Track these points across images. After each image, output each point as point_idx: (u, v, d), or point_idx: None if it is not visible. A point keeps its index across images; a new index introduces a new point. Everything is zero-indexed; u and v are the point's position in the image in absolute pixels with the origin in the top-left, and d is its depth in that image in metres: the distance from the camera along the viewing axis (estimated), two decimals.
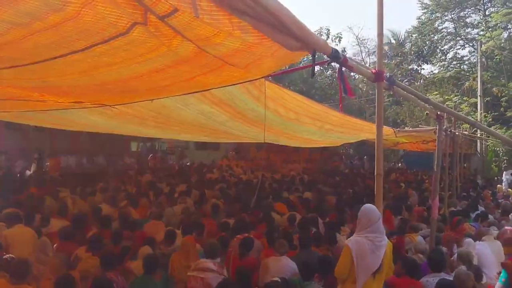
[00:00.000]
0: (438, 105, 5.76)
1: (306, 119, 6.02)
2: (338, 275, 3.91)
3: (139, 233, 7.49)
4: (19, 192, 11.12)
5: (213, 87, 3.90)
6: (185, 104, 4.90)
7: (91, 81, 3.20)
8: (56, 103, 4.18)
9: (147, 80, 3.23)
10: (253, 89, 4.27)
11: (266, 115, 4.97)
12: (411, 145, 24.17)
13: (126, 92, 3.72)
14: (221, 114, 5.47)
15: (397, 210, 10.52)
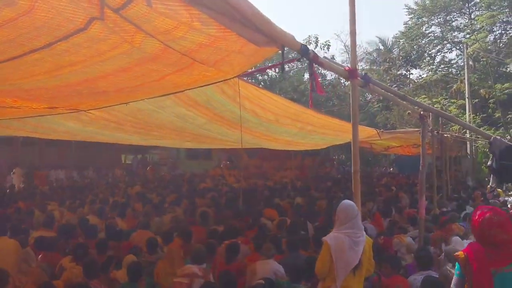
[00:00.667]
0: (415, 102, 5.79)
1: (286, 120, 5.99)
2: (318, 272, 3.89)
3: (125, 243, 7.43)
4: (7, 206, 11.04)
5: (187, 88, 3.89)
6: (161, 107, 4.87)
7: (58, 83, 3.18)
8: (30, 109, 4.15)
9: (115, 80, 3.21)
10: (227, 89, 4.25)
11: (243, 116, 4.95)
12: (403, 149, 24.23)
13: (97, 94, 3.70)
14: (198, 116, 5.44)
15: (387, 212, 10.55)
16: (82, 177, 22.99)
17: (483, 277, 3.09)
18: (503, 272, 3.05)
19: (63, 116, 4.97)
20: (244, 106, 4.81)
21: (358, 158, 3.95)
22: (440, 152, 13.15)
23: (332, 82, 39.06)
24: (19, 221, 8.44)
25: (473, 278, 3.12)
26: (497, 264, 3.07)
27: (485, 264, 3.09)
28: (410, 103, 5.52)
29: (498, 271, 3.06)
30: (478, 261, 3.12)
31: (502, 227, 3.11)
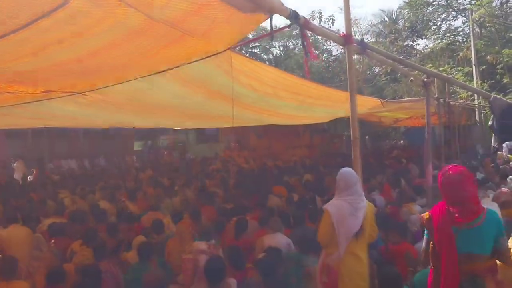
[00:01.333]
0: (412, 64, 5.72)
1: (285, 93, 5.90)
2: (320, 239, 3.93)
3: (136, 225, 7.54)
4: (20, 197, 11.18)
5: (180, 63, 3.87)
6: (156, 85, 4.83)
7: (49, 62, 3.19)
8: (27, 95, 4.18)
9: (106, 58, 3.21)
10: (222, 63, 4.20)
11: (240, 91, 4.91)
12: (412, 121, 23.99)
13: (89, 73, 3.70)
14: (195, 94, 5.40)
15: (396, 183, 10.56)
16: (93, 166, 23.20)
17: (444, 234, 3.18)
18: (465, 228, 3.10)
19: (60, 100, 4.99)
20: (240, 81, 4.76)
21: (357, 126, 3.94)
22: (448, 121, 13.02)
23: (338, 57, 38.75)
24: (31, 210, 8.54)
25: (435, 235, 3.20)
26: (459, 221, 3.11)
27: (446, 222, 3.16)
28: (407, 66, 5.45)
29: (461, 227, 3.11)
30: (440, 220, 3.21)
31: (461, 184, 3.15)
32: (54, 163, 21.34)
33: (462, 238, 3.13)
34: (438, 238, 3.21)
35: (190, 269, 5.26)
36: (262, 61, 28.14)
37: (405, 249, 5.32)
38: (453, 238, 3.12)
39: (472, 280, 3.10)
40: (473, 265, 3.13)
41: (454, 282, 3.11)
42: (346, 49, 3.87)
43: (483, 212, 3.18)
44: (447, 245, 3.14)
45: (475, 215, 3.14)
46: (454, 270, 3.11)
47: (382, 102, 7.40)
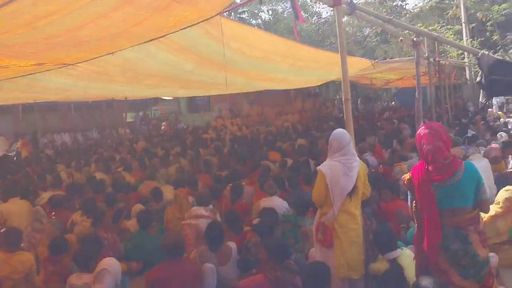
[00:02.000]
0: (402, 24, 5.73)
1: (275, 56, 5.89)
2: (315, 200, 4.03)
3: (133, 195, 7.64)
4: (16, 172, 11.20)
5: (169, 31, 3.87)
6: (147, 54, 4.84)
7: (40, 35, 3.18)
8: (19, 68, 4.16)
9: (95, 29, 3.20)
10: (211, 29, 4.20)
11: (231, 57, 4.90)
12: (403, 82, 24.00)
13: (80, 45, 3.69)
14: (186, 62, 5.39)
15: (388, 143, 10.69)
16: (86, 139, 23.18)
17: (424, 192, 3.28)
18: (446, 184, 3.19)
19: (52, 72, 4.98)
20: (230, 46, 4.75)
21: (348, 87, 3.98)
22: (439, 80, 13.06)
23: (328, 20, 38.31)
24: (28, 184, 8.60)
25: (416, 194, 3.31)
26: (437, 179, 3.21)
27: (425, 181, 3.26)
28: (396, 26, 5.46)
29: (441, 184, 3.20)
30: (419, 179, 3.32)
31: (428, 138, 3.23)
32: (46, 137, 21.26)
33: (443, 194, 3.22)
34: (419, 197, 3.33)
35: (191, 234, 5.39)
36: (251, 26, 27.75)
37: (397, 207, 5.46)
38: (433, 195, 3.22)
39: (455, 232, 3.23)
40: (456, 218, 3.24)
41: (436, 237, 3.23)
42: (335, 10, 3.87)
43: (461, 166, 3.26)
44: (428, 202, 3.25)
45: (452, 171, 3.22)
46: (436, 226, 3.23)
47: (373, 63, 7.41)
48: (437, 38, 5.26)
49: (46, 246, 5.11)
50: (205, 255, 4.45)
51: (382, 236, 3.91)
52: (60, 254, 4.62)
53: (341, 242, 3.86)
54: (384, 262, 3.81)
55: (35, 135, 19.39)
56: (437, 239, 3.22)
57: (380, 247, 3.93)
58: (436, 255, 3.23)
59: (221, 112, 26.67)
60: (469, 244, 3.20)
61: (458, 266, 3.21)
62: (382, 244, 3.89)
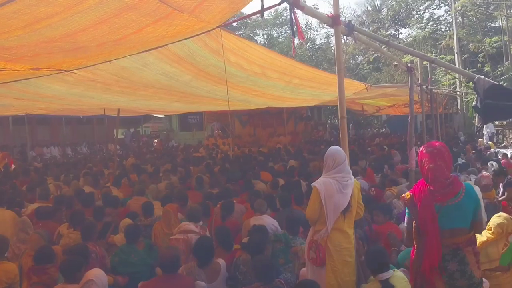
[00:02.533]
0: (399, 46, 5.78)
1: (273, 73, 5.89)
2: (309, 217, 3.98)
3: (121, 209, 7.52)
4: (3, 184, 11.03)
5: (169, 41, 3.86)
6: (144, 64, 4.82)
7: (38, 37, 3.14)
8: (15, 72, 4.12)
9: (95, 34, 3.18)
10: (210, 41, 4.19)
11: (228, 71, 4.90)
12: (394, 109, 24.29)
13: (78, 51, 3.66)
14: (183, 73, 5.37)
15: (379, 168, 10.72)
16: (75, 153, 23.01)
17: (427, 212, 3.25)
18: (448, 205, 3.18)
19: (47, 78, 4.92)
20: (229, 60, 4.75)
21: (345, 105, 3.98)
22: (431, 109, 13.19)
23: (321, 46, 38.85)
24: (15, 196, 8.45)
25: (418, 215, 3.28)
26: (440, 199, 3.19)
27: (428, 200, 3.23)
28: (392, 47, 5.50)
29: (443, 204, 3.19)
30: (422, 199, 3.28)
31: (430, 156, 3.23)
32: (36, 150, 21.07)
33: (445, 214, 3.22)
34: (421, 216, 3.29)
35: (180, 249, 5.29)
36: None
37: (389, 229, 5.43)
38: (436, 216, 3.21)
39: (454, 253, 3.21)
40: (455, 239, 3.24)
41: (437, 258, 3.21)
42: (334, 30, 3.90)
43: (462, 187, 3.27)
44: (431, 223, 3.22)
45: (454, 191, 3.22)
46: (438, 247, 3.20)
47: (367, 86, 7.47)
48: (434, 60, 5.33)
49: (31, 257, 4.99)
50: (193, 271, 4.36)
51: (375, 257, 3.86)
52: (45, 264, 4.49)
53: (333, 261, 3.80)
54: (376, 283, 3.75)
55: (24, 147, 19.19)
56: (437, 260, 3.19)
57: (372, 268, 3.87)
58: (434, 276, 3.20)
59: (213, 132, 26.68)
60: (466, 265, 3.18)
61: (454, 287, 3.18)
62: (374, 264, 3.84)
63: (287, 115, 24.02)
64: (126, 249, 5.45)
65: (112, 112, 14.48)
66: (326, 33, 45.90)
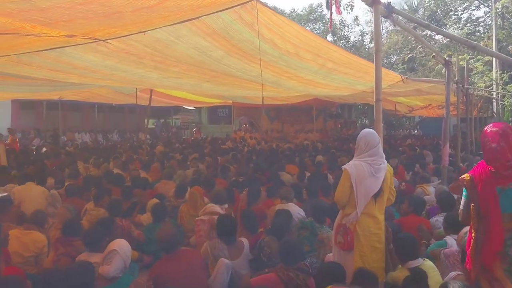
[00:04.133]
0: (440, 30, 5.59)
1: (306, 54, 5.71)
2: (338, 199, 3.85)
3: (149, 191, 7.56)
4: (34, 164, 11.27)
5: (204, 12, 3.80)
6: (178, 36, 4.75)
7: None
8: (50, 38, 4.14)
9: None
10: (245, 14, 4.10)
11: (262, 46, 4.79)
12: (427, 111, 23.77)
13: (112, 16, 3.63)
14: (216, 48, 5.28)
15: (410, 167, 10.49)
16: (106, 140, 23.41)
17: (489, 195, 3.08)
18: (509, 188, 3.03)
19: (82, 48, 4.94)
20: (263, 35, 4.65)
21: (381, 88, 3.86)
22: (466, 111, 12.86)
23: (355, 44, 38.43)
24: (46, 175, 8.59)
25: (479, 197, 3.12)
26: (503, 181, 3.04)
27: (490, 183, 3.07)
28: (434, 31, 5.34)
29: (504, 187, 3.03)
30: (483, 181, 3.11)
31: (494, 136, 3.07)
32: (67, 135, 21.52)
33: (505, 198, 3.06)
34: (482, 198, 3.13)
35: (203, 230, 5.28)
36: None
37: (418, 221, 5.28)
38: (497, 198, 3.06)
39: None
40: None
41: (499, 243, 3.05)
42: (373, 9, 3.79)
43: None
44: (493, 205, 3.07)
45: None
46: (500, 230, 3.05)
47: (403, 78, 7.28)
48: (476, 46, 5.11)
49: (58, 230, 5.07)
50: (216, 248, 4.33)
51: (404, 244, 3.75)
52: (72, 236, 4.54)
53: (361, 246, 3.68)
54: (405, 271, 3.62)
55: (56, 131, 19.62)
56: (500, 245, 3.04)
57: (401, 255, 3.76)
58: (494, 262, 3.05)
59: (241, 126, 26.72)
60: None
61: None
62: (404, 252, 3.72)
63: (316, 112, 23.86)
64: (152, 228, 5.48)
65: (144, 101, 14.66)
66: (361, 31, 45.50)
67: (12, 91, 14.49)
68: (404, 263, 3.72)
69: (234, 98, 16.75)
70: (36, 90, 14.56)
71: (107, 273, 3.64)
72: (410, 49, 31.80)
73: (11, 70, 6.72)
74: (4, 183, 7.43)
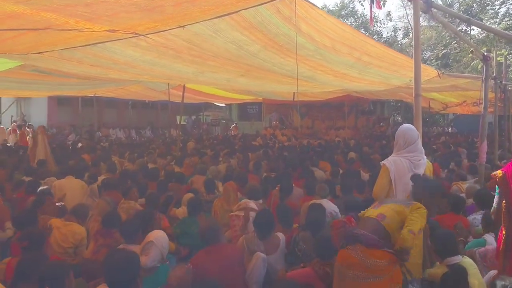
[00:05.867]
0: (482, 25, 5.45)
1: (343, 47, 5.67)
2: (376, 195, 3.83)
3: (184, 186, 7.68)
4: (71, 158, 11.57)
5: (242, 7, 3.83)
6: (216, 30, 4.80)
7: None
8: (91, 33, 4.26)
9: None
10: (283, 8, 4.11)
11: (299, 40, 4.77)
12: (462, 108, 23.21)
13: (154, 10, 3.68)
14: (253, 42, 5.30)
15: (445, 164, 10.32)
16: (140, 136, 23.84)
17: None
18: None
19: (122, 43, 5.04)
20: (300, 29, 4.65)
21: (420, 82, 3.82)
22: (503, 108, 12.50)
23: (388, 40, 37.89)
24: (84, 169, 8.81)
25: (510, 194, 3.06)
26: None
27: None
28: (474, 25, 5.23)
29: None
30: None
31: None
32: (102, 131, 22.01)
33: None
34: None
35: (238, 226, 5.33)
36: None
37: (456, 219, 5.20)
38: None
39: None
40: None
41: None
42: (413, 2, 3.75)
43: None
44: None
45: None
46: None
47: (439, 74, 7.14)
48: None
49: (97, 222, 5.21)
50: (253, 242, 4.37)
51: (443, 240, 3.70)
52: (112, 228, 4.66)
53: None
54: (443, 268, 3.58)
55: (91, 127, 20.11)
56: None
57: (439, 251, 3.71)
58: None
59: (271, 122, 26.73)
60: None
61: None
62: (442, 248, 3.67)
63: (348, 108, 23.61)
64: (188, 221, 5.57)
65: (176, 98, 14.86)
66: (394, 26, 44.74)
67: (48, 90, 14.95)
68: (443, 260, 3.68)
69: (266, 94, 16.73)
70: (73, 89, 14.98)
71: (145, 263, 3.73)
72: (444, 45, 31.14)
73: (52, 66, 6.91)
74: (44, 177, 7.70)
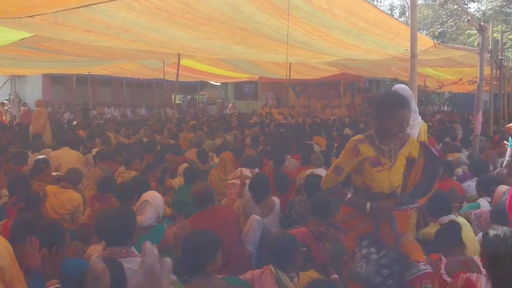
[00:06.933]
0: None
1: (340, 11, 5.53)
2: None
3: (180, 158, 7.70)
4: (67, 133, 11.56)
5: None
6: None
7: None
8: None
9: None
10: None
11: (294, 1, 4.67)
12: (457, 87, 23.16)
13: None
14: (248, 3, 5.20)
15: (441, 138, 10.40)
16: (135, 115, 23.80)
17: None
18: None
19: (116, 4, 4.97)
20: None
21: (416, 44, 3.81)
22: (499, 86, 12.49)
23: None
24: (79, 142, 8.81)
25: None
26: None
27: None
28: None
29: None
30: None
31: None
32: (97, 110, 21.94)
33: None
34: None
35: (234, 193, 5.36)
36: None
37: (451, 185, 5.24)
38: None
39: None
40: None
41: None
42: None
43: None
44: None
45: None
46: None
47: (435, 44, 7.11)
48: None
49: (93, 190, 5.22)
50: (248, 205, 4.40)
51: (436, 200, 3.73)
52: (108, 193, 4.67)
53: None
54: (437, 227, 3.62)
55: (86, 106, 20.04)
56: None
57: (433, 211, 3.76)
58: None
59: (267, 102, 26.68)
60: None
61: None
62: (436, 207, 3.71)
63: (344, 86, 23.54)
64: (184, 190, 5.58)
65: (171, 76, 14.76)
66: (390, 5, 44.50)
67: (43, 67, 14.84)
68: (436, 220, 3.72)
69: (261, 71, 16.62)
70: (67, 66, 14.87)
71: (141, 222, 3.73)
72: (440, 23, 31.00)
73: (46, 32, 6.82)
74: (40, 149, 7.70)
